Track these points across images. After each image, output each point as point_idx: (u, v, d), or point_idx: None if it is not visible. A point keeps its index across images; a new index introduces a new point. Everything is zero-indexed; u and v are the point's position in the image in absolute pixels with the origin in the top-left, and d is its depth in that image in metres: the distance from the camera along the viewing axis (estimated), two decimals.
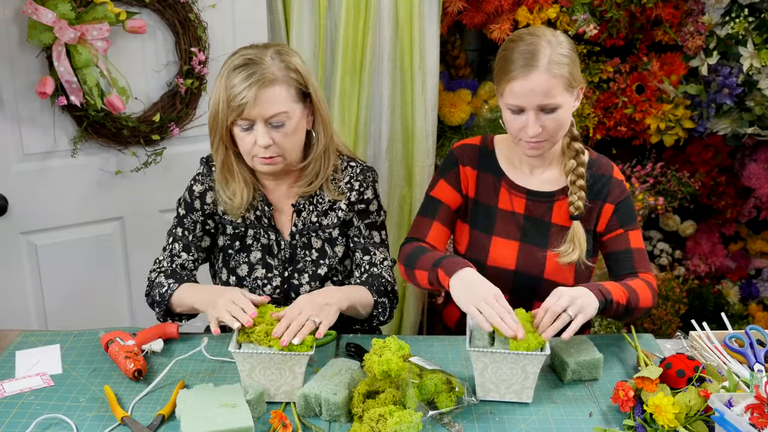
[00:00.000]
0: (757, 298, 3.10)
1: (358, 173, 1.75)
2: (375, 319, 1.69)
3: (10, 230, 2.17)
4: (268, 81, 1.55)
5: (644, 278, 1.66)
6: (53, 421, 1.39)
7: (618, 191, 1.72)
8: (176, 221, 1.78)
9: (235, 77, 1.54)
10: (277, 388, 1.43)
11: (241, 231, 1.75)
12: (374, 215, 1.78)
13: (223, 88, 1.56)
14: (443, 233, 1.78)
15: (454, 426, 1.38)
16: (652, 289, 1.64)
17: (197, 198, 1.75)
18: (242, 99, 1.53)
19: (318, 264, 1.75)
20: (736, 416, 1.18)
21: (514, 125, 1.62)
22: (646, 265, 1.71)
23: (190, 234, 1.76)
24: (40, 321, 2.29)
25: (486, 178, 1.77)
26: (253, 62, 1.56)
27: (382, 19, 2.52)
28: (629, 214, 1.73)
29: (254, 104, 1.54)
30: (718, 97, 2.59)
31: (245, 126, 1.58)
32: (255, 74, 1.54)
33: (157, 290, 1.69)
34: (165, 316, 1.69)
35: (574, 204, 1.68)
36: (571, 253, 1.68)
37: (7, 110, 2.07)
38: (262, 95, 1.54)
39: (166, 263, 1.76)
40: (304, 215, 1.74)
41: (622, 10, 2.52)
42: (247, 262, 1.75)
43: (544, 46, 1.57)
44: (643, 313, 1.63)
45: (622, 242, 1.71)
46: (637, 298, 1.58)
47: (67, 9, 1.96)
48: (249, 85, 1.53)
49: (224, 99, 1.56)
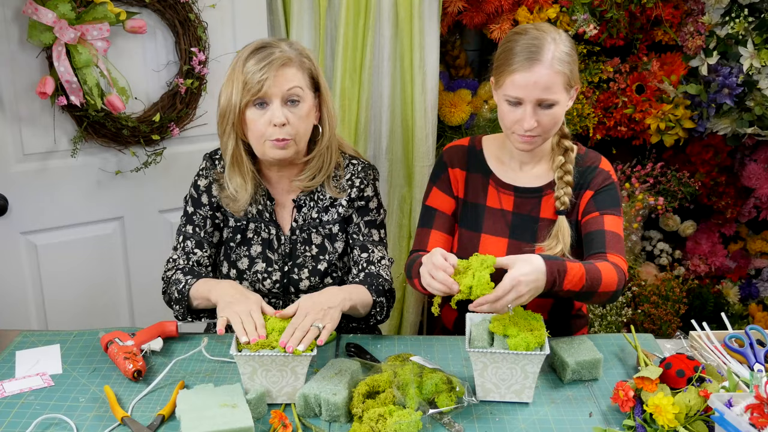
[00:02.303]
0: (757, 298, 3.11)
1: (359, 171, 1.77)
2: (372, 318, 1.70)
3: (10, 230, 2.17)
4: (286, 59, 1.61)
5: (613, 260, 1.60)
6: (53, 421, 1.39)
7: (600, 179, 1.72)
8: (185, 219, 1.78)
9: (251, 59, 1.60)
10: (279, 390, 1.43)
11: (242, 224, 1.76)
12: (374, 213, 1.79)
13: (239, 72, 1.60)
14: (444, 240, 1.79)
15: (454, 426, 1.38)
16: (620, 273, 1.57)
17: (203, 192, 1.76)
18: (262, 76, 1.58)
19: (318, 260, 1.76)
20: (735, 416, 1.18)
21: (510, 117, 1.63)
22: (618, 248, 1.65)
23: (201, 230, 1.76)
24: (40, 321, 2.29)
25: (475, 177, 1.78)
26: (270, 46, 1.63)
27: (382, 19, 2.52)
28: (609, 200, 1.70)
29: (273, 82, 1.59)
30: (718, 97, 2.59)
31: (260, 105, 1.61)
32: (272, 55, 1.60)
33: (174, 287, 1.67)
34: (185, 313, 1.67)
35: (561, 199, 1.69)
36: (554, 248, 1.68)
37: (7, 110, 2.08)
38: (280, 73, 1.60)
39: (182, 261, 1.75)
40: (304, 211, 1.75)
41: (622, 10, 2.52)
42: (247, 256, 1.76)
43: (549, 41, 1.58)
44: (605, 298, 1.57)
45: (596, 224, 1.68)
46: (598, 283, 1.52)
47: (67, 9, 1.96)
48: (268, 63, 1.59)
49: (240, 82, 1.59)
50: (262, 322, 1.45)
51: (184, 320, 1.69)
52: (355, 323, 1.75)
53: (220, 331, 1.43)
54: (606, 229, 1.67)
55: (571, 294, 1.51)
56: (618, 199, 1.72)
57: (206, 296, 1.60)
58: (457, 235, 1.80)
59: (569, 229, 1.69)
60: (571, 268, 1.49)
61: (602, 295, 1.55)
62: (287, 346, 1.38)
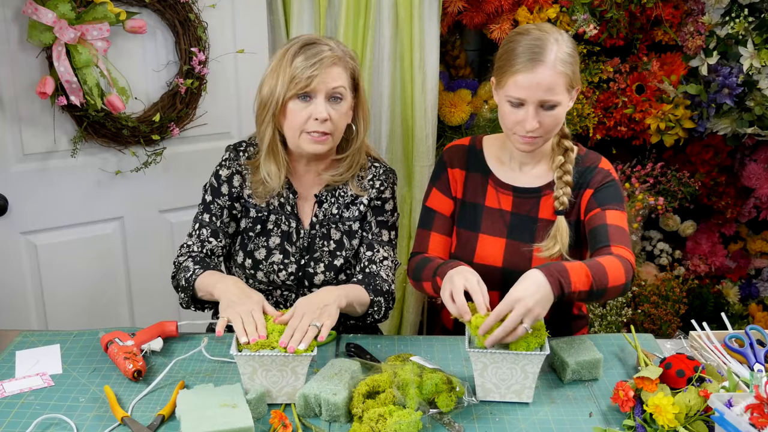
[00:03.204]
0: (757, 298, 3.11)
1: (381, 173, 1.81)
2: (369, 317, 1.70)
3: (10, 230, 2.18)
4: (335, 59, 1.65)
5: (617, 253, 1.58)
6: (53, 421, 1.39)
7: (600, 177, 1.71)
8: (202, 208, 1.79)
9: (300, 55, 1.63)
10: (279, 390, 1.43)
11: (263, 215, 1.77)
12: (387, 214, 1.82)
13: (287, 65, 1.64)
14: (443, 242, 1.79)
15: (454, 426, 1.38)
16: (625, 264, 1.55)
17: (224, 182, 1.77)
18: (312, 71, 1.61)
19: (335, 255, 1.77)
20: (735, 416, 1.18)
21: (512, 118, 1.62)
22: (622, 240, 1.62)
23: (218, 220, 1.77)
24: (40, 321, 2.29)
25: (474, 177, 1.78)
26: (319, 43, 1.67)
27: (382, 19, 2.52)
28: (611, 197, 1.69)
29: (322, 79, 1.62)
30: (718, 97, 2.59)
31: (303, 98, 1.64)
32: (322, 53, 1.64)
33: (183, 274, 1.69)
34: (190, 302, 1.68)
35: (559, 199, 1.69)
36: (552, 248, 1.68)
37: (7, 110, 2.08)
38: (328, 71, 1.64)
39: (196, 248, 1.76)
40: (325, 206, 1.78)
41: (622, 10, 2.52)
42: (265, 246, 1.77)
43: (551, 42, 1.58)
44: (617, 292, 1.53)
45: (599, 219, 1.66)
46: (605, 280, 1.49)
47: (67, 9, 1.96)
48: (319, 61, 1.62)
49: (288, 75, 1.63)
50: (263, 322, 1.45)
51: (187, 308, 1.70)
52: (353, 321, 1.76)
53: (219, 333, 1.42)
54: (608, 223, 1.65)
55: (584, 294, 1.47)
56: (620, 195, 1.71)
57: (210, 290, 1.61)
58: (455, 234, 1.80)
59: (568, 229, 1.69)
60: (570, 267, 1.47)
61: (614, 289, 1.51)
62: (289, 347, 1.38)
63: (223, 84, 2.37)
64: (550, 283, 1.41)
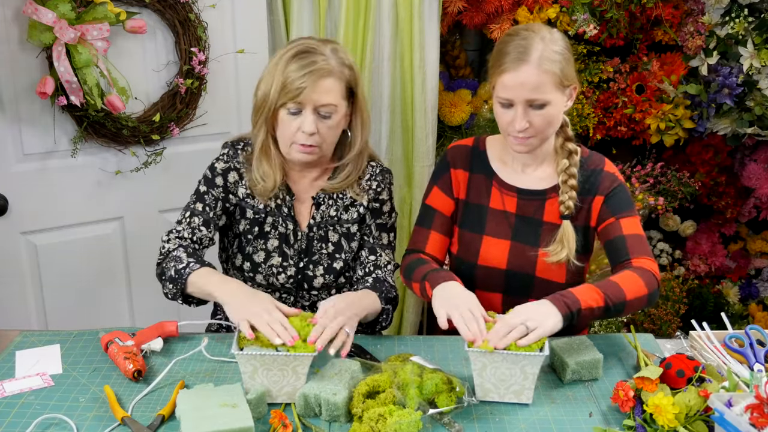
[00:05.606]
0: (757, 298, 3.11)
1: (377, 174, 1.80)
2: (378, 325, 1.71)
3: (10, 230, 2.18)
4: (326, 72, 1.61)
5: (637, 265, 1.59)
6: (53, 421, 1.39)
7: (608, 182, 1.71)
8: (195, 197, 1.76)
9: (294, 63, 1.61)
10: (280, 389, 1.43)
11: (260, 217, 1.76)
12: (386, 216, 1.81)
13: (280, 72, 1.61)
14: (441, 242, 1.79)
15: (454, 426, 1.38)
16: (645, 275, 1.56)
17: (219, 174, 1.75)
18: (301, 83, 1.59)
19: (334, 258, 1.77)
20: (735, 416, 1.18)
21: (504, 119, 1.63)
22: (642, 250, 1.63)
23: (210, 210, 1.75)
24: (40, 321, 2.29)
25: (478, 178, 1.77)
26: (315, 52, 1.62)
27: (382, 19, 2.52)
28: (622, 203, 1.69)
29: (311, 91, 1.60)
30: (718, 97, 2.59)
31: (294, 110, 1.62)
32: (315, 63, 1.60)
33: (173, 263, 1.64)
34: (177, 295, 1.63)
35: (565, 203, 1.68)
36: (559, 253, 1.67)
37: (7, 110, 2.08)
38: (319, 84, 1.60)
39: (186, 233, 1.72)
40: (323, 209, 1.76)
41: (622, 10, 2.52)
42: (264, 249, 1.76)
43: (537, 41, 1.58)
44: (641, 304, 1.55)
45: (614, 230, 1.67)
46: (620, 294, 1.51)
47: (67, 9, 1.96)
48: (310, 72, 1.59)
49: (280, 82, 1.61)
50: (285, 320, 1.45)
51: (173, 299, 1.65)
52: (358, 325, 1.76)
53: (251, 335, 1.42)
54: (625, 234, 1.65)
55: (602, 311, 1.50)
56: (629, 200, 1.71)
57: (207, 291, 1.58)
58: (457, 236, 1.80)
59: (574, 234, 1.69)
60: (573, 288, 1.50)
61: (635, 301, 1.54)
62: (317, 346, 1.40)
63: (223, 84, 2.37)
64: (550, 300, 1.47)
